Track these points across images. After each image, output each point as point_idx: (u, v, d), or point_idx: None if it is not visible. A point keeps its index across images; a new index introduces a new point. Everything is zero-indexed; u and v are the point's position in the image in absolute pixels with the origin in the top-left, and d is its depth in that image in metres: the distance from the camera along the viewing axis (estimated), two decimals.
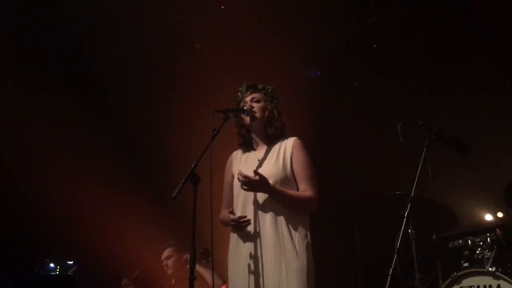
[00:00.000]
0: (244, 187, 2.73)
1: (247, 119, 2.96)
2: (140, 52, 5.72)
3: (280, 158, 2.90)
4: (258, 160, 2.95)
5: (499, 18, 4.60)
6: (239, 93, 3.08)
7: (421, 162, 2.72)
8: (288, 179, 2.87)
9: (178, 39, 5.68)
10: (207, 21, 5.53)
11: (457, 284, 3.81)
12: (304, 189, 2.85)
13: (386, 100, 5.37)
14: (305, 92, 5.40)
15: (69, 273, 5.16)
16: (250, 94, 3.03)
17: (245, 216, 2.76)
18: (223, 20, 5.47)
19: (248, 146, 3.05)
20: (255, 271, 2.70)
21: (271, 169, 2.86)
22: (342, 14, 5.50)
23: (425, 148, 2.78)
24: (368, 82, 5.65)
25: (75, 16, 5.24)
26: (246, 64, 5.31)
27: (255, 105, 2.98)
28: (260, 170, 2.80)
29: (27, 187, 5.31)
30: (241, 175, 2.71)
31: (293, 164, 2.89)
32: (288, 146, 2.93)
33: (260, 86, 3.07)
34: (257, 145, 3.03)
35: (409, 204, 2.66)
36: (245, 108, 2.94)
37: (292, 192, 2.84)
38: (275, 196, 2.78)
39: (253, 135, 3.04)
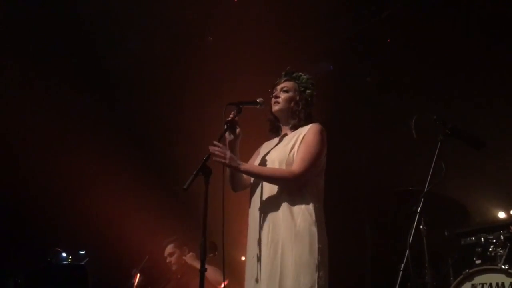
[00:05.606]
0: (215, 158, 2.62)
1: (273, 106, 2.94)
2: (153, 45, 5.72)
3: (291, 142, 2.83)
4: (275, 145, 2.92)
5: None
6: (278, 79, 3.02)
7: (435, 157, 2.69)
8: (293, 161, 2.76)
9: (191, 32, 5.67)
10: (220, 14, 5.51)
11: (469, 281, 3.76)
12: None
13: (399, 95, 5.32)
14: (317, 86, 5.36)
15: (81, 262, 5.21)
16: (284, 82, 2.99)
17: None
18: (236, 13, 5.45)
19: (275, 133, 3.05)
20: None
21: (278, 152, 2.83)
22: (355, 8, 5.46)
23: (439, 143, 2.75)
24: (381, 77, 5.60)
25: (86, 9, 5.26)
26: (259, 58, 5.30)
27: (282, 95, 2.94)
28: (269, 154, 2.83)
29: (40, 177, 5.37)
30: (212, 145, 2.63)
31: (300, 145, 2.78)
32: (304, 130, 2.85)
33: (295, 75, 3.01)
34: (282, 131, 3.01)
35: (422, 199, 2.63)
36: (259, 100, 2.91)
37: (266, 168, 2.77)
38: (244, 173, 2.76)
39: (280, 122, 3.02)
